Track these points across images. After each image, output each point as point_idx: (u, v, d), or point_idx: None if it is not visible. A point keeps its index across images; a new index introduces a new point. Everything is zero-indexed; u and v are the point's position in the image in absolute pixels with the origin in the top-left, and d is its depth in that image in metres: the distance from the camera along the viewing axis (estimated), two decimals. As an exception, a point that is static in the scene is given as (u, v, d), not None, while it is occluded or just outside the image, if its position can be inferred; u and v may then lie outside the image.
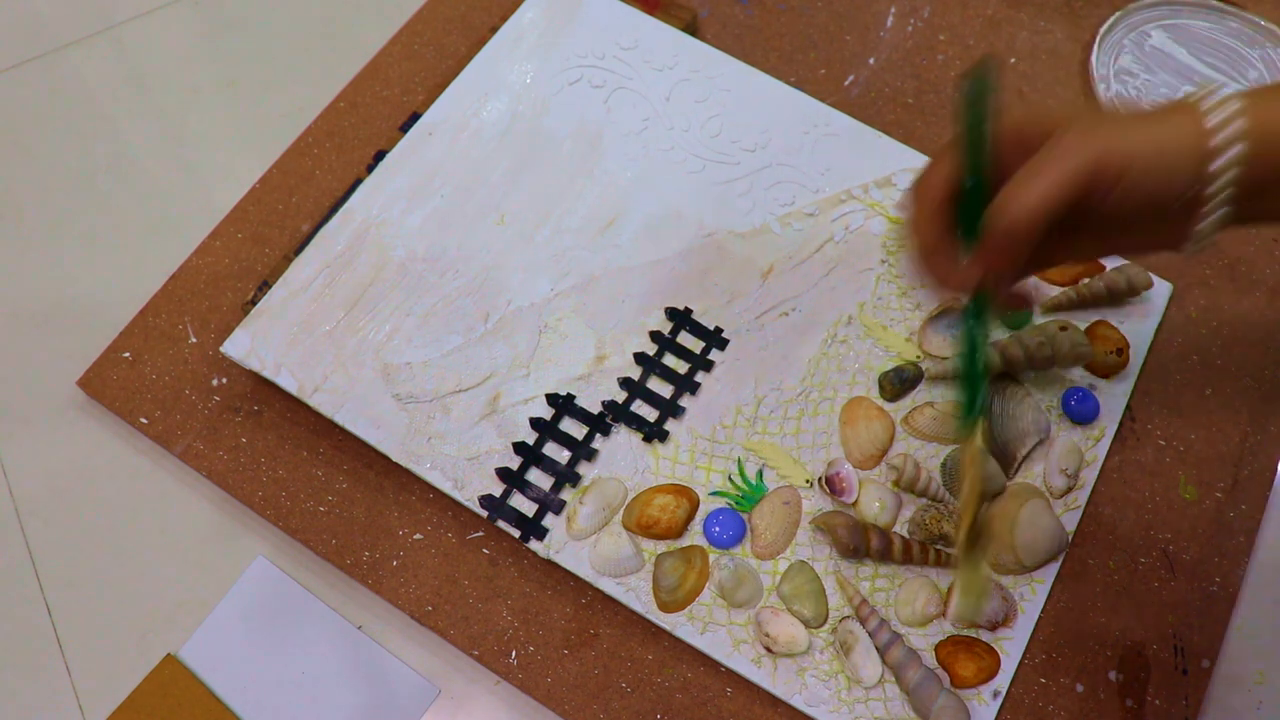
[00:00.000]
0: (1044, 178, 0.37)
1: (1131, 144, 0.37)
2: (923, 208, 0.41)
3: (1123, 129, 0.38)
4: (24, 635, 0.54)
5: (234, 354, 0.56)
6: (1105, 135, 0.37)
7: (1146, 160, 0.37)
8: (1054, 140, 0.38)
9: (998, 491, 0.55)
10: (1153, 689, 0.52)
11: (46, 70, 0.70)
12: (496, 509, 0.53)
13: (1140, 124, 0.38)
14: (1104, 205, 0.38)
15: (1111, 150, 0.37)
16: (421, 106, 0.64)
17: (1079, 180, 0.37)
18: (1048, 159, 0.37)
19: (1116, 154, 0.37)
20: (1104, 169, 0.37)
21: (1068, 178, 0.37)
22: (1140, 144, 0.37)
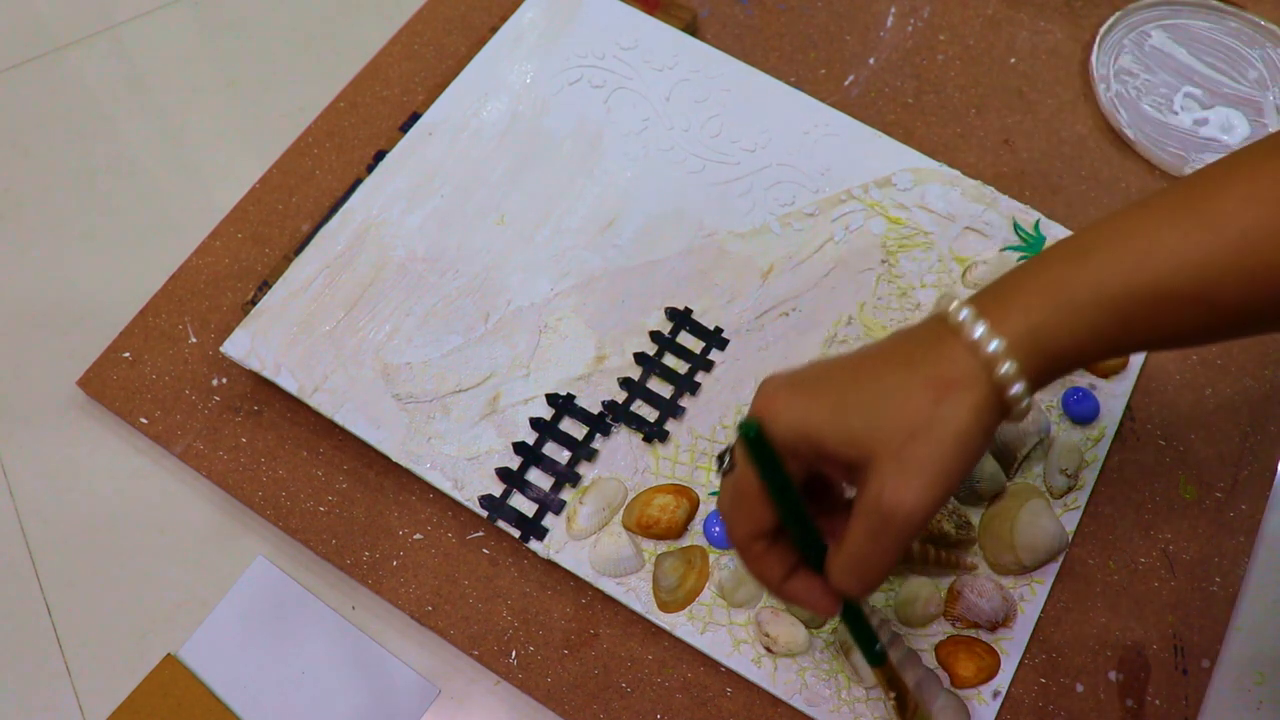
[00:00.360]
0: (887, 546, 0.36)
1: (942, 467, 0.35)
2: (752, 562, 0.40)
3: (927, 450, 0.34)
4: (24, 635, 0.54)
5: (234, 354, 0.56)
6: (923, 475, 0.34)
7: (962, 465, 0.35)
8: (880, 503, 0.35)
9: (998, 492, 0.55)
10: (1153, 689, 0.52)
11: (46, 70, 0.70)
12: (496, 509, 0.53)
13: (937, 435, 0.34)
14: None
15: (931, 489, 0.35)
16: (421, 106, 0.64)
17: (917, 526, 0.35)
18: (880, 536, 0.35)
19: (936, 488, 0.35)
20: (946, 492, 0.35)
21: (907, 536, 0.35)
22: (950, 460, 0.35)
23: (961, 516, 0.54)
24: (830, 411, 0.36)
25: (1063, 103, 0.68)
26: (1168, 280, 0.34)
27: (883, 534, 0.35)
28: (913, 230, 0.61)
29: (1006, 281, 0.37)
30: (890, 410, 0.35)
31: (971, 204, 0.61)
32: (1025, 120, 0.67)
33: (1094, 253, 0.36)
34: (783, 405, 0.36)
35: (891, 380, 0.36)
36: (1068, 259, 0.36)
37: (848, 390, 0.36)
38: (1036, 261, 0.37)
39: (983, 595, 0.52)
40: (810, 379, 0.37)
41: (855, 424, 0.35)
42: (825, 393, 0.36)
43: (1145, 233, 0.35)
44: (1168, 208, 0.36)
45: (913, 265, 0.60)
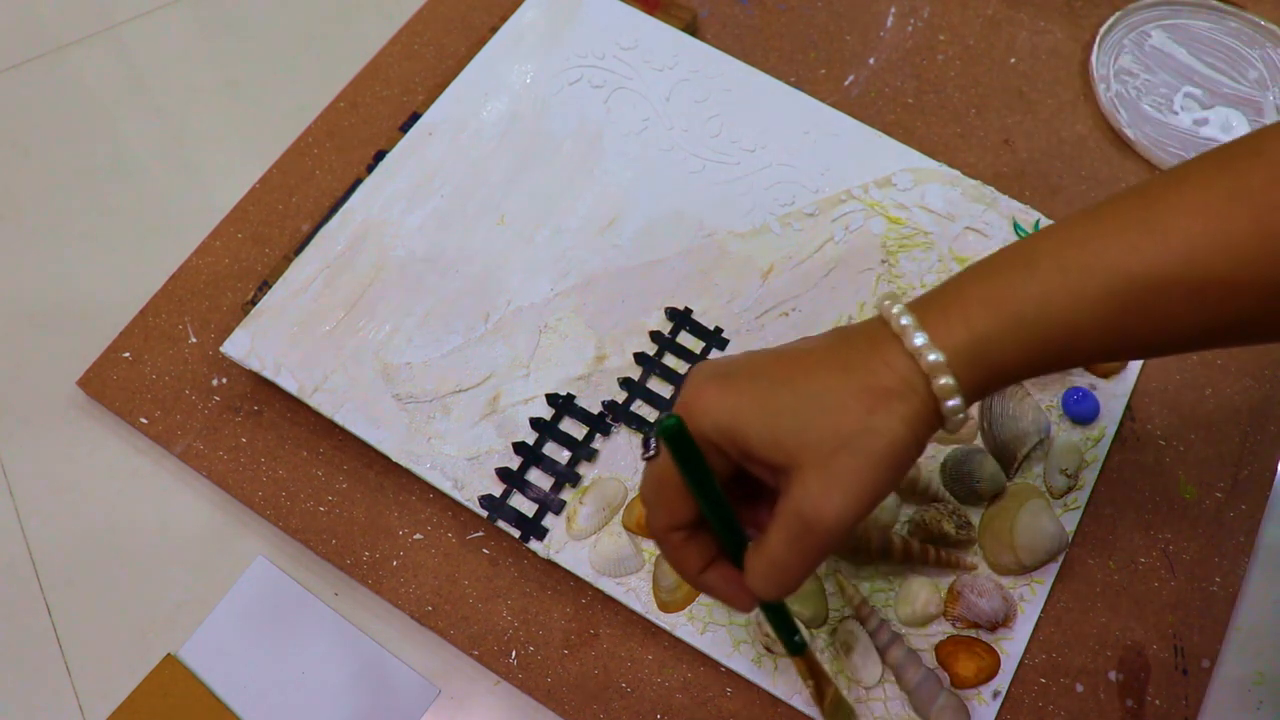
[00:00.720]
0: (806, 553, 0.35)
1: (869, 479, 0.34)
2: (671, 551, 0.39)
3: (855, 461, 0.34)
4: (24, 635, 0.54)
5: (234, 354, 0.56)
6: (848, 486, 0.34)
7: (891, 476, 0.34)
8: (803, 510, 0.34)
9: (998, 492, 0.55)
10: (1153, 689, 0.52)
11: (46, 70, 0.70)
12: (496, 509, 0.53)
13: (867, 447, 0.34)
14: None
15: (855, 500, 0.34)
16: (421, 106, 0.64)
17: (839, 537, 0.34)
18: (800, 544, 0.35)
19: (861, 500, 0.34)
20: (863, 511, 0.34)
21: (828, 547, 0.35)
22: (878, 473, 0.34)
23: (961, 516, 0.54)
24: (759, 412, 0.35)
25: (1063, 103, 0.68)
26: (1115, 296, 0.34)
27: (802, 542, 0.34)
28: (913, 230, 0.61)
29: (951, 288, 0.36)
30: (821, 417, 0.34)
31: (971, 204, 0.61)
32: (1025, 120, 0.67)
33: (1041, 263, 0.35)
34: (711, 400, 0.35)
35: (825, 384, 0.35)
36: (1015, 267, 0.35)
37: (779, 390, 0.35)
38: (983, 267, 0.36)
39: (983, 595, 0.52)
40: (742, 373, 0.36)
41: (783, 428, 0.34)
42: (755, 390, 0.35)
43: (1093, 244, 0.34)
44: (1117, 218, 0.35)
45: (913, 265, 0.60)
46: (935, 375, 0.34)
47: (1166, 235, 0.33)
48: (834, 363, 0.35)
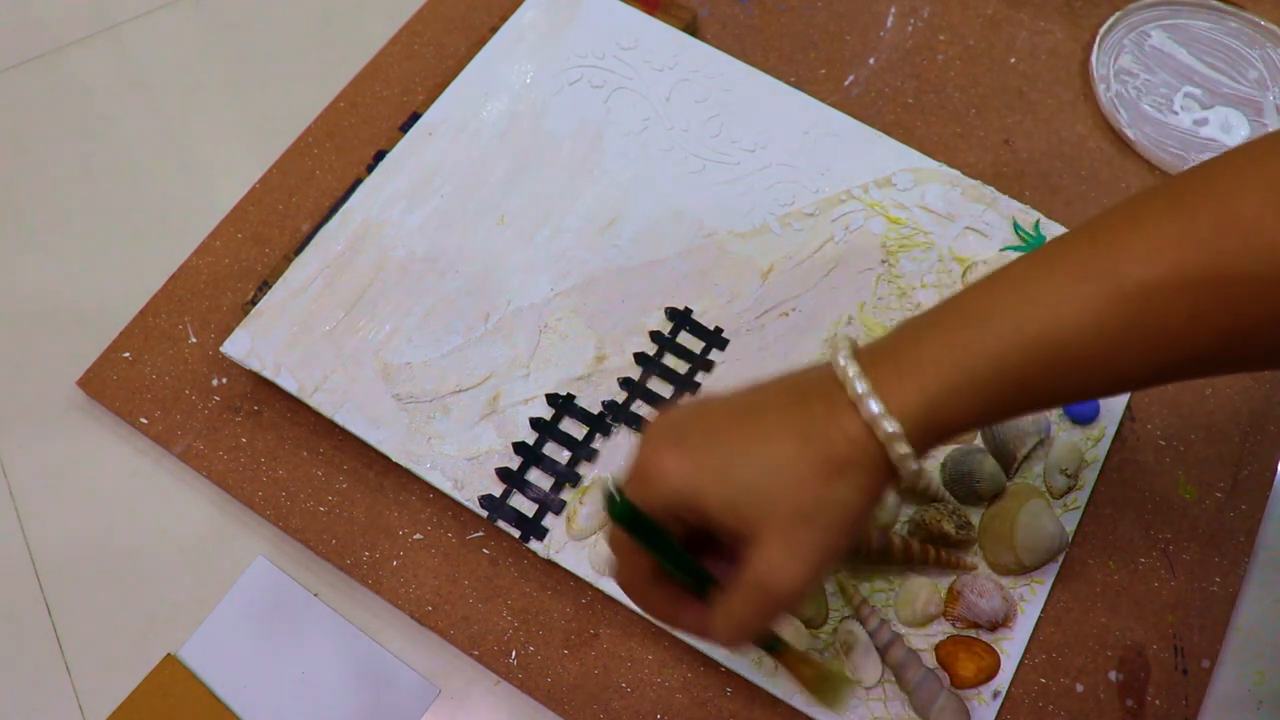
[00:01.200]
0: (766, 616, 0.36)
1: (827, 547, 0.35)
2: (639, 600, 0.39)
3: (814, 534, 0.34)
4: (24, 635, 0.54)
5: (234, 354, 0.56)
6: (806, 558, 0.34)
7: (844, 517, 0.35)
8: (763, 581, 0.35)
9: (998, 492, 0.55)
10: (1153, 689, 0.52)
11: (46, 70, 0.70)
12: (496, 509, 0.53)
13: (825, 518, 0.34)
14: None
15: (826, 557, 0.35)
16: (421, 106, 0.64)
17: (798, 600, 0.35)
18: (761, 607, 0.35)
19: (830, 550, 0.35)
20: (825, 570, 0.35)
21: (787, 609, 0.36)
22: (836, 517, 0.35)
23: (962, 516, 0.54)
24: (717, 482, 0.35)
25: (1063, 103, 0.68)
26: (1071, 346, 0.34)
27: (762, 606, 0.35)
28: (913, 230, 0.61)
29: (906, 343, 0.36)
30: (780, 490, 0.34)
31: (971, 204, 0.61)
32: (1025, 120, 0.67)
33: (994, 318, 0.34)
34: (669, 468, 0.35)
35: (783, 454, 0.35)
36: (968, 323, 0.35)
37: (736, 459, 0.35)
38: (938, 320, 0.36)
39: (983, 595, 0.52)
40: (697, 435, 0.36)
41: (742, 499, 0.35)
42: (712, 458, 0.35)
43: (1048, 295, 0.34)
44: (1070, 264, 0.34)
45: (913, 265, 0.60)
46: (891, 444, 0.34)
47: (1121, 285, 0.33)
48: (791, 429, 0.35)
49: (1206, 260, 0.32)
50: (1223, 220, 0.32)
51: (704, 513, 0.35)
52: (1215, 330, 0.33)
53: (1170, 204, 0.34)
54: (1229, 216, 0.32)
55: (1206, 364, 0.35)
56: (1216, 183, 0.33)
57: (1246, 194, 0.32)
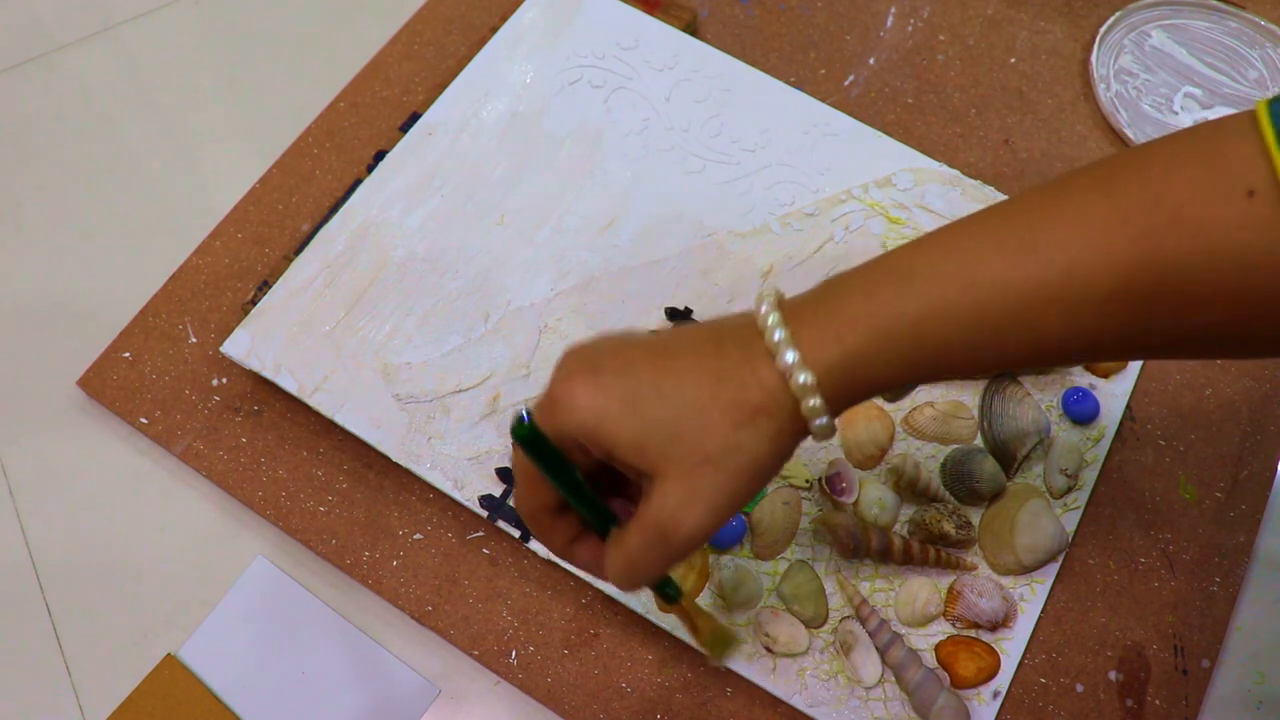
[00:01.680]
0: (661, 558, 0.35)
1: (730, 493, 0.34)
2: (536, 530, 0.39)
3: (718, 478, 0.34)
4: (24, 635, 0.54)
5: (234, 354, 0.56)
6: (710, 499, 0.34)
7: (753, 468, 0.35)
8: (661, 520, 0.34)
9: (998, 492, 0.55)
10: (1152, 689, 0.52)
11: (46, 70, 0.70)
12: (496, 509, 0.53)
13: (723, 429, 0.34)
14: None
15: (725, 506, 0.34)
16: (421, 106, 0.64)
17: (696, 544, 0.35)
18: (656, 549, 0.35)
19: (731, 500, 0.34)
20: (724, 517, 0.35)
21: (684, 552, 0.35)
22: (744, 463, 0.34)
23: (962, 516, 0.54)
24: (626, 417, 0.34)
25: (1063, 103, 0.68)
26: (991, 311, 0.33)
27: (658, 550, 0.35)
28: (913, 230, 0.61)
29: (829, 299, 0.35)
30: (688, 431, 0.34)
31: (971, 204, 0.61)
32: (1025, 120, 0.67)
33: (917, 277, 0.34)
34: (579, 398, 0.35)
35: (695, 394, 0.34)
36: (890, 281, 0.35)
37: (647, 395, 0.34)
38: (860, 278, 0.36)
39: (983, 595, 0.52)
40: (611, 368, 0.35)
41: (649, 437, 0.34)
42: (624, 392, 0.34)
43: (971, 259, 0.34)
44: (995, 232, 0.34)
45: (913, 265, 0.60)
46: (804, 397, 0.34)
47: (1042, 251, 0.33)
48: (706, 370, 0.35)
49: (1131, 237, 0.32)
50: (1151, 198, 0.32)
51: (609, 446, 0.34)
52: (1136, 309, 0.32)
53: (1102, 179, 0.34)
54: (1157, 195, 0.32)
55: (1129, 344, 0.34)
56: (1149, 162, 0.33)
57: (1177, 174, 0.32)
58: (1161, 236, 0.31)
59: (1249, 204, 0.30)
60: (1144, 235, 0.32)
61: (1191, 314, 0.32)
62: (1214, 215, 0.31)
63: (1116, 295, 0.32)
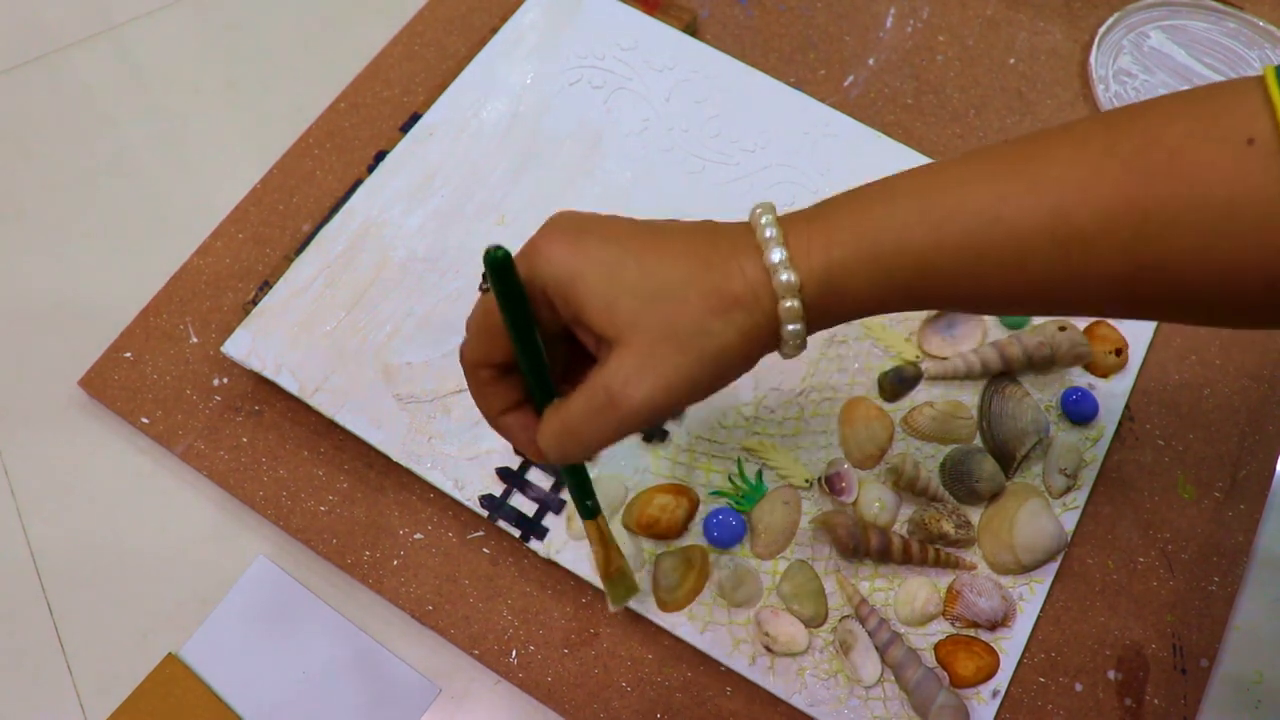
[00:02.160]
0: (602, 427, 0.35)
1: (687, 376, 0.34)
2: (476, 386, 0.38)
3: (679, 357, 0.34)
4: (25, 634, 0.54)
5: (235, 354, 0.56)
6: (663, 378, 0.34)
7: (715, 360, 0.34)
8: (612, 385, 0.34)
9: (997, 492, 0.55)
10: (1151, 688, 0.52)
11: (47, 71, 0.70)
12: (497, 508, 0.53)
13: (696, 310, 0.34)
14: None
15: (681, 387, 0.34)
16: (422, 107, 0.64)
17: (640, 421, 0.34)
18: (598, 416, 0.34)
19: (686, 384, 0.34)
20: (678, 399, 0.34)
21: (626, 427, 0.34)
22: (709, 349, 0.34)
23: (961, 516, 0.54)
24: (601, 279, 0.34)
25: (1062, 103, 0.68)
26: (975, 239, 0.33)
27: (601, 416, 0.34)
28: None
29: (822, 210, 0.36)
30: (660, 303, 0.34)
31: (971, 204, 0.61)
32: (1024, 121, 0.68)
33: (907, 199, 0.34)
34: (557, 252, 0.35)
35: (675, 272, 0.34)
36: (881, 200, 0.35)
37: (627, 263, 0.34)
38: (854, 196, 0.36)
39: (982, 595, 0.52)
40: (595, 234, 0.35)
41: (620, 303, 0.34)
42: (604, 256, 0.34)
43: (962, 186, 0.34)
44: (990, 164, 0.34)
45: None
46: (784, 296, 0.34)
47: (1035, 184, 0.33)
48: (692, 254, 0.35)
49: (1122, 177, 0.32)
50: (1148, 141, 0.32)
51: (578, 305, 0.34)
52: (1121, 252, 0.32)
53: (1102, 124, 0.34)
54: (1155, 139, 0.32)
55: (1111, 294, 0.34)
56: (1149, 113, 0.33)
57: (1175, 123, 0.32)
58: (1154, 178, 0.31)
59: (1247, 151, 0.30)
60: (1136, 176, 0.32)
61: (1176, 263, 0.32)
62: (1210, 160, 0.31)
63: (1103, 236, 0.32)
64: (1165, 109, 0.33)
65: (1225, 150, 0.30)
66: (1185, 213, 0.31)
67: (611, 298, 0.34)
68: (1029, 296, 0.35)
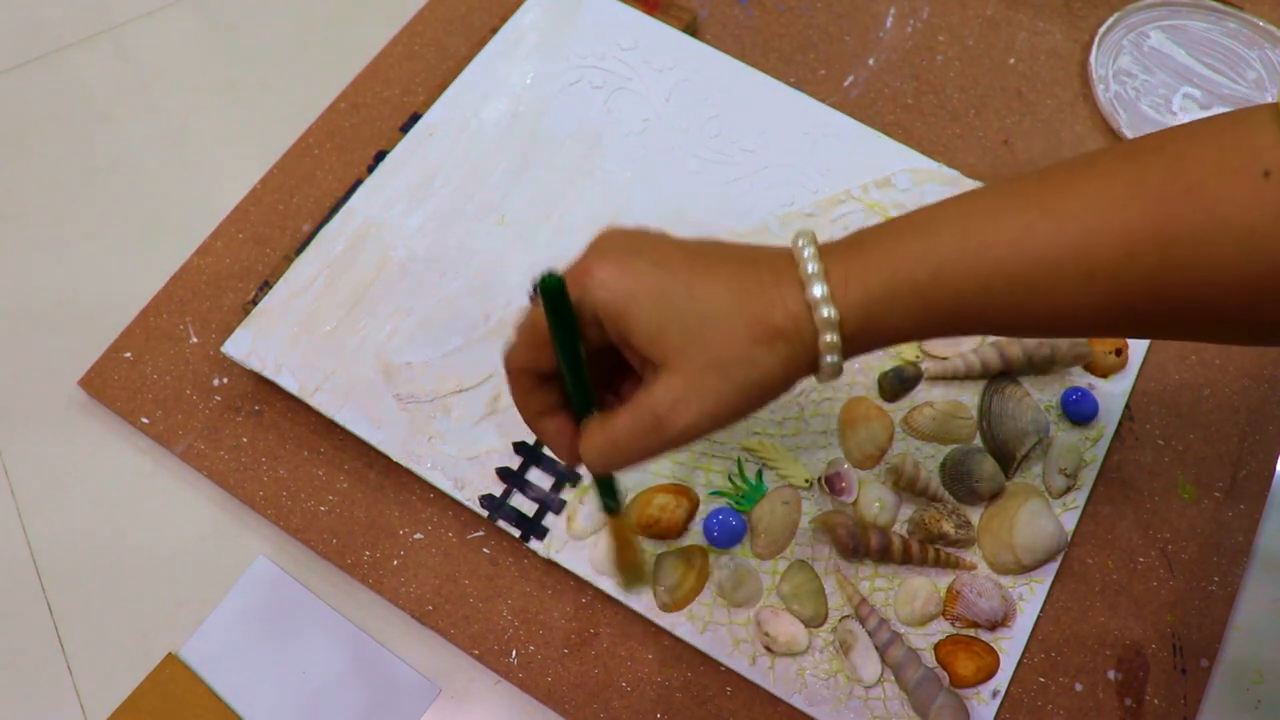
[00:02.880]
0: (646, 447, 0.36)
1: (739, 386, 0.35)
2: (518, 391, 0.39)
3: (728, 372, 0.35)
4: (26, 634, 0.54)
5: (235, 354, 0.56)
6: (713, 398, 0.35)
7: (759, 387, 0.36)
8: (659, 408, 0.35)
9: (997, 492, 0.55)
10: (1151, 688, 0.52)
11: (47, 71, 0.70)
12: (497, 508, 0.53)
13: (743, 342, 0.35)
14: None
15: (723, 411, 0.35)
16: (422, 107, 0.64)
17: (682, 443, 0.36)
18: (643, 437, 0.36)
19: (728, 409, 0.35)
20: (719, 422, 0.36)
21: (669, 447, 0.36)
22: (751, 378, 0.35)
23: (961, 516, 0.54)
24: (650, 307, 0.35)
25: (1062, 103, 0.68)
26: (1006, 272, 0.35)
27: (647, 438, 0.36)
28: (912, 230, 0.61)
29: (859, 243, 0.37)
30: (708, 333, 0.35)
31: (971, 204, 0.61)
32: (1024, 121, 0.68)
33: (940, 230, 0.36)
34: (609, 277, 0.36)
35: (721, 302, 0.35)
36: (915, 233, 0.36)
37: (676, 291, 0.35)
38: (887, 228, 0.37)
39: (982, 595, 0.52)
40: (646, 258, 0.36)
41: (669, 331, 0.35)
42: (654, 283, 0.36)
43: (994, 219, 0.35)
44: (1019, 197, 0.36)
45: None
46: (824, 331, 0.35)
47: (1062, 219, 0.34)
48: (736, 283, 0.36)
49: (1145, 209, 0.33)
50: (1169, 174, 0.33)
51: (627, 330, 0.35)
52: (1145, 281, 0.33)
53: (1124, 156, 0.35)
54: (1175, 171, 0.33)
55: (1139, 319, 0.35)
56: (1171, 142, 0.34)
57: (1198, 154, 0.33)
58: (1175, 209, 0.33)
59: (1263, 184, 0.31)
60: (1158, 207, 0.33)
61: (1198, 290, 0.33)
62: (1228, 192, 0.32)
63: (1127, 265, 0.33)
64: (1184, 140, 0.34)
65: (1243, 182, 0.32)
66: (1206, 243, 0.32)
67: (660, 325, 0.35)
68: (1059, 322, 0.36)
